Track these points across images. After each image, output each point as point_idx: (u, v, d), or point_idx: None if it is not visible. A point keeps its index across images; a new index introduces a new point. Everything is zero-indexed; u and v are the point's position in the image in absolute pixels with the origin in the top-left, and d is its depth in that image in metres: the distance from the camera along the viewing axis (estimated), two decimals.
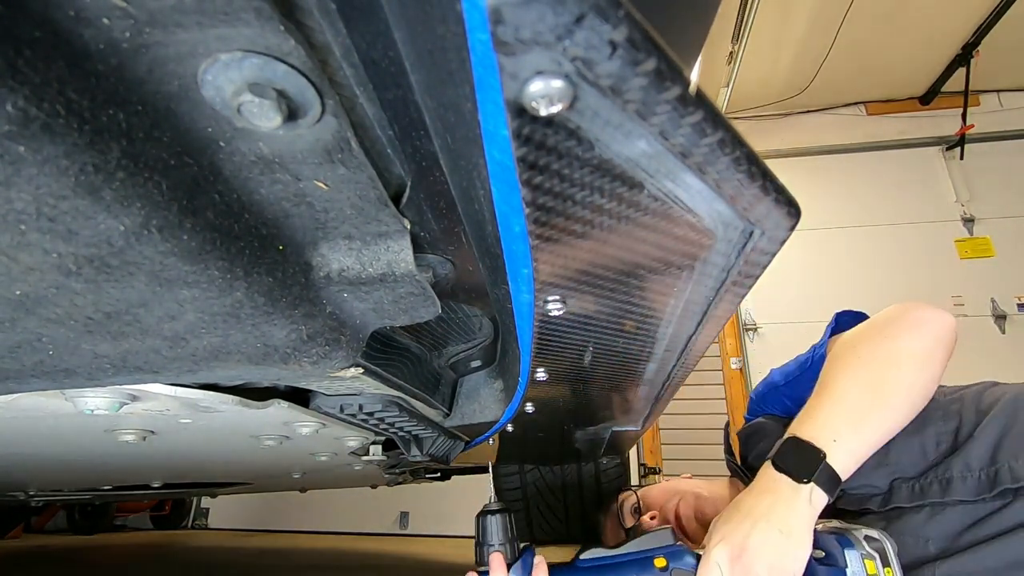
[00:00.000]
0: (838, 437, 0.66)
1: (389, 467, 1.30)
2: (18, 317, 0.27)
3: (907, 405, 0.69)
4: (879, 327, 0.74)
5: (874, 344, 0.72)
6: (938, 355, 0.70)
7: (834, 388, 0.71)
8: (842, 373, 0.71)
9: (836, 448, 0.65)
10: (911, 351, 0.69)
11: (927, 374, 0.70)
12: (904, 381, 0.68)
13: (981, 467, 0.69)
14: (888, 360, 0.69)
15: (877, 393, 0.68)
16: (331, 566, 2.39)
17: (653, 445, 3.74)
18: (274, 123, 0.23)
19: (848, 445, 0.66)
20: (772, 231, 0.31)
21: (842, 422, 0.67)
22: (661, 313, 0.45)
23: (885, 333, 0.72)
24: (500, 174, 0.24)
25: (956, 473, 0.71)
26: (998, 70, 3.86)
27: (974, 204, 3.92)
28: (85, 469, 0.97)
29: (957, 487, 0.70)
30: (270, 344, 0.36)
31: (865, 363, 0.71)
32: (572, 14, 0.16)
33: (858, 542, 0.61)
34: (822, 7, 3.34)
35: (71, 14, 0.18)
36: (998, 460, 0.68)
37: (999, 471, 0.68)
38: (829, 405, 0.70)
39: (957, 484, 0.70)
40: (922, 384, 0.70)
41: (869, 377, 0.69)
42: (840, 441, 0.66)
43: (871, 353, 0.71)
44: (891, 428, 0.68)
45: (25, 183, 0.20)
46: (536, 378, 0.58)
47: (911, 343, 0.70)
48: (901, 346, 0.70)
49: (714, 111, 0.21)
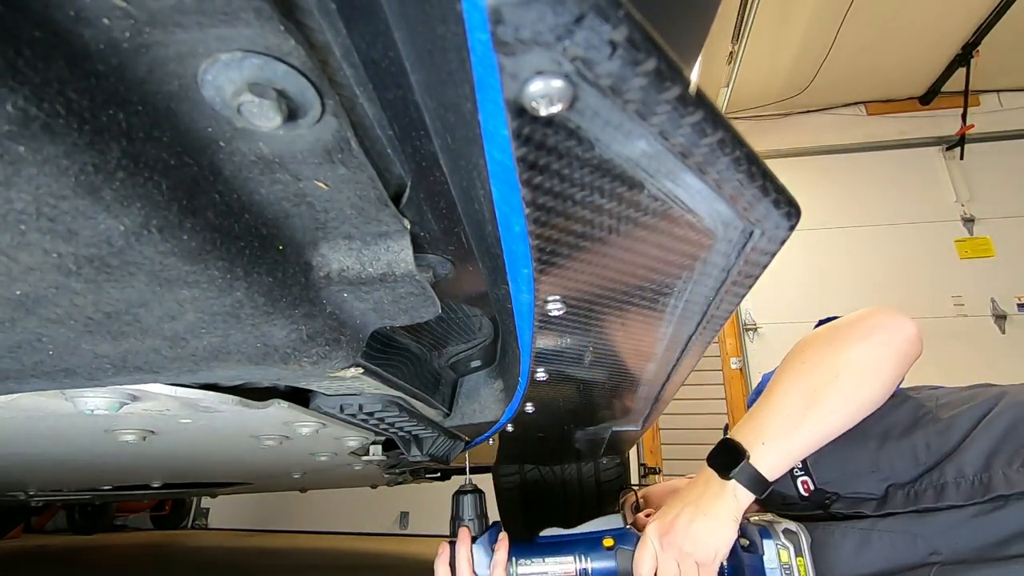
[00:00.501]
0: (767, 440, 0.71)
1: (389, 467, 1.30)
2: (18, 317, 0.27)
3: (842, 415, 0.71)
4: (832, 334, 0.75)
5: (820, 351, 0.73)
6: (887, 365, 0.71)
7: (774, 393, 0.75)
8: (785, 379, 0.75)
9: (763, 450, 0.70)
10: (854, 362, 0.70)
11: (869, 385, 0.70)
12: (841, 391, 0.70)
13: (975, 472, 0.70)
14: (830, 369, 0.71)
15: (813, 401, 0.70)
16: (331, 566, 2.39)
17: (653, 445, 3.74)
18: (274, 123, 0.23)
19: (775, 448, 0.70)
20: (772, 231, 0.31)
21: (774, 427, 0.71)
22: (661, 313, 0.45)
23: (834, 341, 0.73)
24: (500, 174, 0.24)
25: (950, 479, 0.71)
26: (998, 70, 3.86)
27: (974, 204, 3.92)
28: (85, 469, 0.97)
29: (951, 492, 0.71)
30: (270, 344, 0.36)
31: (808, 370, 0.73)
32: (572, 14, 0.16)
33: (776, 534, 0.69)
34: (822, 7, 3.34)
35: (71, 14, 0.18)
36: (992, 466, 0.69)
37: (993, 477, 0.68)
38: (765, 410, 0.74)
39: (951, 490, 0.71)
40: (863, 395, 0.71)
41: (808, 385, 0.72)
42: (768, 444, 0.70)
43: (815, 360, 0.73)
44: (825, 435, 0.71)
45: (25, 183, 0.20)
46: (536, 378, 0.58)
47: (856, 353, 0.70)
48: (845, 356, 0.71)
49: (714, 111, 0.21)
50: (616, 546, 0.75)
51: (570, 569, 0.75)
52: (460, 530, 0.79)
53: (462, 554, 0.76)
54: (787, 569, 0.67)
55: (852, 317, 0.76)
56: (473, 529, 0.79)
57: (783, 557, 0.67)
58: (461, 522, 0.80)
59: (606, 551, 0.75)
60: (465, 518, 0.80)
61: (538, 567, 0.75)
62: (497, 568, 0.74)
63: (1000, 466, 0.68)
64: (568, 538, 0.79)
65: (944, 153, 4.07)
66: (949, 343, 3.56)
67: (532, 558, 0.76)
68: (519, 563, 0.75)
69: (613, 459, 1.70)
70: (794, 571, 0.67)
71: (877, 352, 0.70)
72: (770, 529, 0.69)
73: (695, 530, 0.69)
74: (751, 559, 0.69)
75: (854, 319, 0.75)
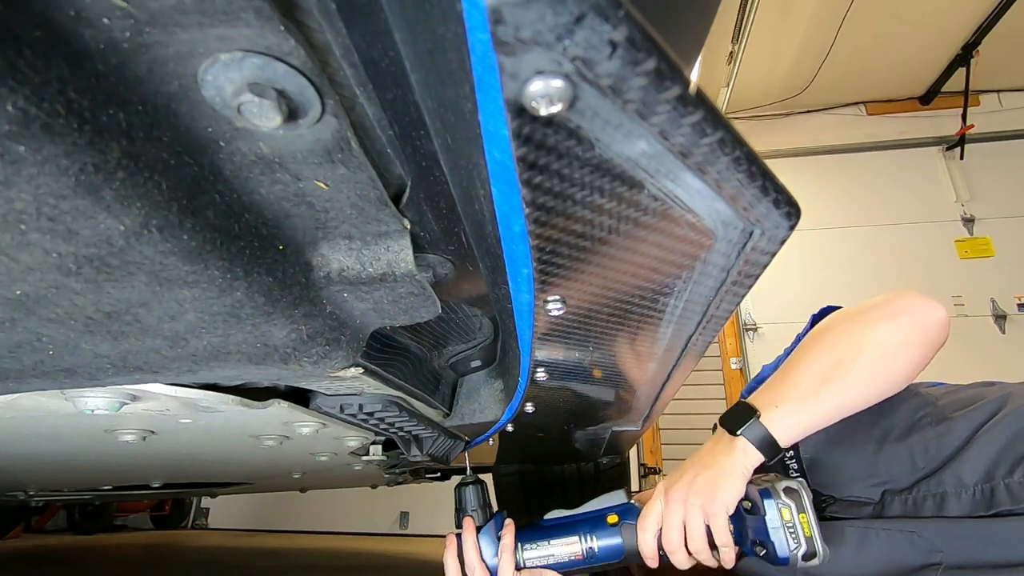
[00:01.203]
0: (780, 404, 0.69)
1: (389, 467, 1.30)
2: (18, 317, 0.27)
3: (864, 389, 0.69)
4: (860, 312, 0.73)
5: (847, 328, 0.72)
6: (913, 348, 0.69)
7: (796, 362, 0.73)
8: (809, 350, 0.73)
9: (775, 412, 0.69)
10: (881, 340, 0.68)
11: (893, 365, 0.69)
12: (866, 365, 0.68)
13: (975, 482, 0.69)
14: (855, 344, 0.69)
15: (834, 371, 0.69)
16: (331, 566, 2.39)
17: (653, 445, 3.74)
18: (274, 123, 0.23)
19: (790, 411, 0.69)
20: (772, 231, 0.31)
21: (791, 391, 0.70)
22: (661, 313, 0.45)
23: (862, 319, 0.72)
24: (500, 174, 0.24)
25: (950, 488, 0.70)
26: (998, 70, 3.86)
27: (974, 204, 3.92)
28: (85, 469, 0.97)
29: (952, 504, 0.70)
30: (270, 344, 0.36)
31: (832, 344, 0.71)
32: (572, 14, 0.16)
33: (776, 493, 0.69)
34: (822, 7, 3.34)
35: (71, 14, 0.18)
36: (994, 477, 0.68)
37: (995, 489, 0.67)
38: (785, 377, 0.73)
39: (952, 501, 0.70)
40: (886, 373, 0.69)
41: (832, 357, 0.70)
42: (782, 407, 0.69)
43: (842, 335, 0.71)
44: (841, 408, 0.69)
45: (25, 183, 0.20)
46: (536, 378, 0.58)
47: (884, 332, 0.69)
48: (872, 333, 0.69)
49: (714, 111, 0.21)
50: (621, 522, 0.76)
51: (576, 549, 0.75)
52: (465, 520, 0.79)
53: (469, 543, 0.76)
54: (790, 527, 0.67)
55: (880, 298, 0.73)
56: (478, 519, 0.80)
57: (785, 515, 0.67)
58: (465, 513, 0.81)
59: (611, 528, 0.75)
60: (469, 509, 0.81)
61: (544, 550, 0.75)
62: (505, 553, 0.74)
63: (1001, 477, 0.67)
64: (572, 519, 0.79)
65: (944, 153, 4.07)
66: (949, 343, 3.53)
67: (538, 541, 0.76)
68: (525, 547, 0.76)
69: (613, 459, 1.70)
70: (798, 528, 0.67)
71: (904, 333, 0.68)
72: (771, 489, 0.69)
73: (701, 481, 0.69)
74: (754, 520, 0.69)
75: (882, 300, 0.73)
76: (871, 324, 0.70)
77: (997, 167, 3.96)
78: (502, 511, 0.82)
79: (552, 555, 0.75)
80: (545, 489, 1.75)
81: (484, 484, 0.85)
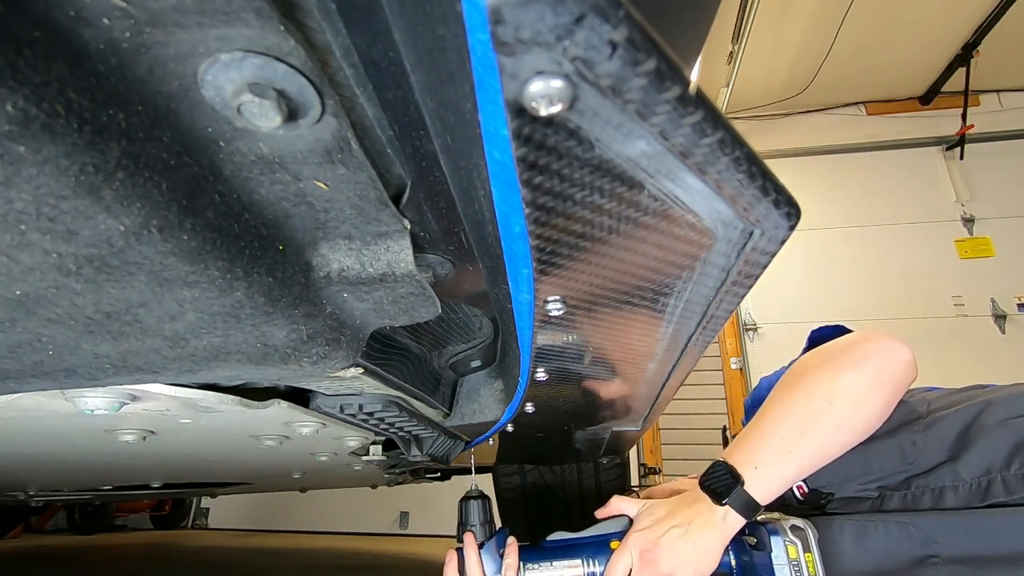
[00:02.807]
0: (760, 465, 0.71)
1: (389, 467, 1.30)
2: (18, 317, 0.27)
3: (838, 439, 0.71)
4: (826, 359, 0.75)
5: (816, 376, 0.73)
6: (880, 391, 0.71)
7: (769, 416, 0.75)
8: (780, 402, 0.75)
9: (756, 475, 0.70)
10: (848, 387, 0.70)
11: (863, 411, 0.71)
12: (836, 416, 0.70)
13: (972, 476, 0.71)
14: (824, 395, 0.71)
15: (807, 427, 0.71)
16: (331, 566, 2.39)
17: (653, 445, 3.74)
18: (274, 123, 0.23)
19: (769, 473, 0.70)
20: (772, 231, 0.31)
21: (768, 451, 0.71)
22: (661, 313, 0.45)
23: (829, 366, 0.73)
24: (500, 174, 0.24)
25: (947, 483, 0.72)
26: (998, 70, 3.86)
27: (974, 204, 3.92)
28: (85, 469, 0.97)
29: (948, 497, 0.72)
30: (270, 344, 0.36)
31: (802, 394, 0.73)
32: (572, 14, 0.16)
33: (784, 531, 0.70)
34: (822, 7, 3.34)
35: (71, 14, 0.18)
36: (992, 471, 0.69)
37: (992, 482, 0.69)
38: (759, 433, 0.74)
39: (949, 494, 0.72)
40: (856, 420, 0.71)
41: (802, 410, 0.72)
42: (761, 469, 0.71)
43: (811, 385, 0.73)
44: (818, 461, 0.72)
45: (25, 183, 0.20)
46: (536, 378, 0.58)
47: (851, 379, 0.70)
48: (840, 381, 0.71)
49: (714, 111, 0.21)
50: None
51: (579, 572, 0.75)
52: (466, 535, 0.79)
53: (472, 559, 0.76)
54: (795, 565, 0.68)
55: (846, 342, 0.75)
56: (480, 535, 0.80)
57: (791, 553, 0.68)
58: (467, 527, 0.81)
59: (612, 552, 0.75)
60: (470, 524, 0.81)
61: (547, 571, 0.75)
62: (508, 571, 0.74)
63: (999, 470, 0.69)
64: (575, 541, 0.79)
65: (944, 153, 4.07)
66: (949, 343, 3.56)
67: (540, 562, 0.76)
68: (527, 567, 0.76)
69: (613, 459, 1.70)
70: (803, 567, 0.68)
71: (870, 378, 0.70)
72: (778, 527, 0.70)
73: (679, 554, 0.69)
74: (760, 557, 0.69)
75: (848, 344, 0.75)
76: (838, 371, 0.71)
77: (997, 167, 3.97)
78: (505, 528, 0.83)
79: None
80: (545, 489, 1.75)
81: (489, 500, 0.85)
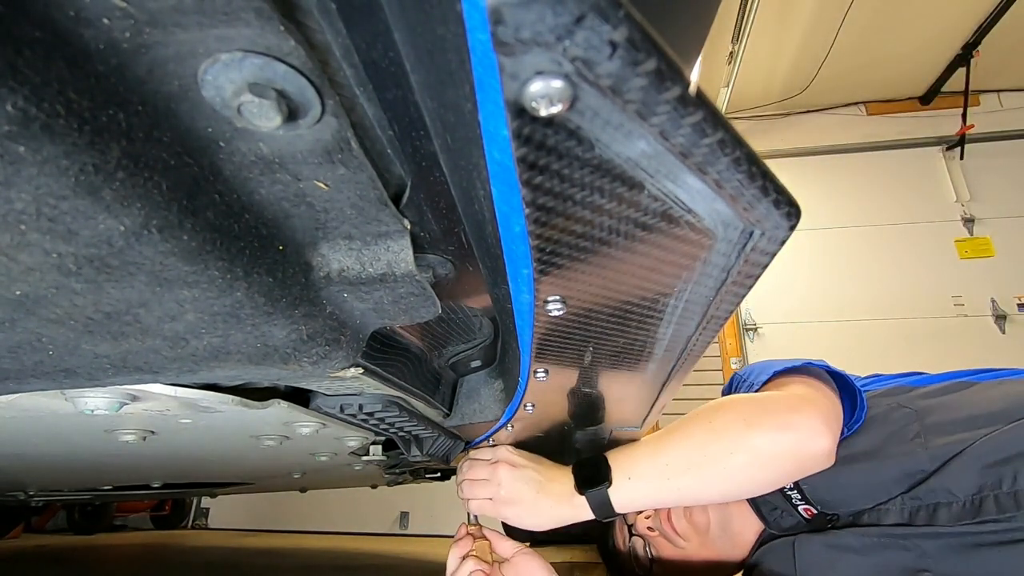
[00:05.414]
0: (635, 477, 0.71)
1: (389, 467, 1.30)
2: (18, 317, 0.27)
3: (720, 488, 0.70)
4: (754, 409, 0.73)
5: (731, 421, 0.72)
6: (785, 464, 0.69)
7: (670, 437, 0.74)
8: (688, 428, 0.74)
9: (626, 485, 0.71)
10: (756, 447, 0.68)
11: (759, 474, 0.69)
12: (730, 468, 0.68)
13: (965, 495, 0.71)
14: (730, 442, 0.69)
15: (697, 465, 0.69)
16: (331, 566, 2.39)
17: None
18: (274, 123, 0.23)
19: (638, 488, 0.70)
20: (772, 231, 0.31)
21: (649, 469, 0.71)
22: (661, 313, 0.45)
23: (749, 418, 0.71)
24: (500, 174, 0.24)
25: (942, 499, 0.72)
26: (998, 70, 3.86)
27: (974, 204, 3.92)
28: (85, 469, 0.97)
29: (942, 514, 0.71)
30: (270, 344, 0.36)
31: (710, 433, 0.72)
32: (572, 14, 0.16)
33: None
34: (822, 7, 3.34)
35: (71, 14, 0.18)
36: (984, 490, 0.69)
37: (984, 500, 0.69)
38: (652, 448, 0.74)
39: (942, 511, 0.72)
40: (747, 479, 0.69)
41: (702, 447, 0.70)
42: (634, 481, 0.71)
43: (722, 427, 0.71)
44: (691, 499, 0.72)
45: (25, 183, 0.20)
46: (536, 378, 0.58)
47: (762, 441, 0.68)
48: (752, 437, 0.69)
49: (714, 111, 0.21)
50: None
51: None
52: None
53: None
54: None
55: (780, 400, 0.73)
56: None
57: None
58: None
59: None
60: None
61: None
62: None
63: (991, 489, 0.69)
64: None
65: (944, 153, 4.07)
66: (949, 343, 3.56)
67: None
68: None
69: None
70: None
71: (782, 448, 0.68)
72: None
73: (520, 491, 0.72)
74: None
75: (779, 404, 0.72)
76: (755, 427, 0.69)
77: (997, 167, 3.96)
78: None
79: None
80: None
81: None
